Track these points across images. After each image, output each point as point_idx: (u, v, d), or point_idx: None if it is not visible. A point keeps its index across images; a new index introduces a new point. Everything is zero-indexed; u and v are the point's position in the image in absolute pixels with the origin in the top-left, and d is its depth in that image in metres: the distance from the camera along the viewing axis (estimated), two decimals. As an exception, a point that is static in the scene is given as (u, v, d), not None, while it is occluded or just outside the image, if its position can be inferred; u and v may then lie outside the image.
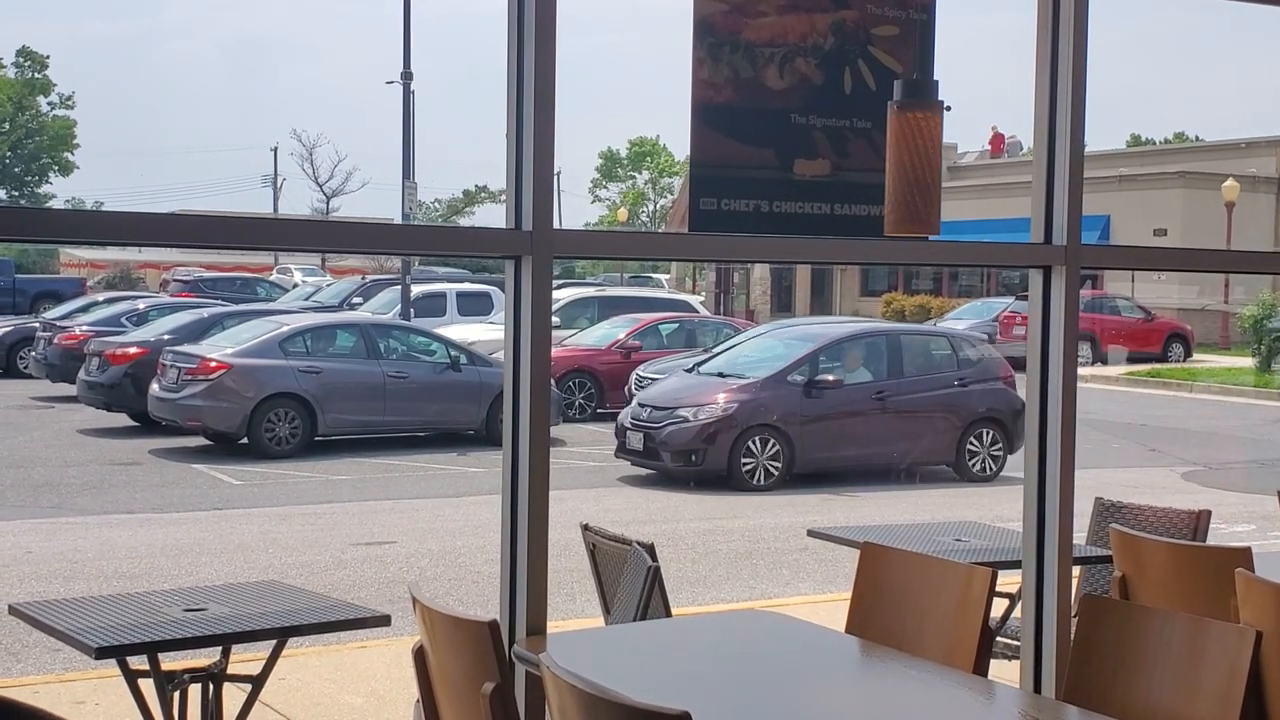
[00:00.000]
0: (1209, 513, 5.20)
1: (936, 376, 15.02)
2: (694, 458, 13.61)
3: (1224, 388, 23.86)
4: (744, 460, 13.68)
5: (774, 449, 13.80)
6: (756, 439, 13.77)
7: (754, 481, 13.61)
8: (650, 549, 4.40)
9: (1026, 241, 4.29)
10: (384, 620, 4.31)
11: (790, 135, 3.80)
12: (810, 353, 14.73)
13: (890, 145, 3.01)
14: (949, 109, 2.96)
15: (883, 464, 14.33)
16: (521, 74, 3.30)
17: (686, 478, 13.67)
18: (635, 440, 13.83)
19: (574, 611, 7.94)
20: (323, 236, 3.50)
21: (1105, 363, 26.79)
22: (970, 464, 14.43)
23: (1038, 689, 4.20)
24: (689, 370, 15.31)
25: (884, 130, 3.57)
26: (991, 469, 14.47)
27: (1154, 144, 53.29)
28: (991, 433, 14.56)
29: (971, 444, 14.47)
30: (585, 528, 4.93)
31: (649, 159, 65.40)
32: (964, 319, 29.66)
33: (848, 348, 15.09)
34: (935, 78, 3.12)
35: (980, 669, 3.55)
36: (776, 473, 13.71)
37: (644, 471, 14.06)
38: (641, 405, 14.10)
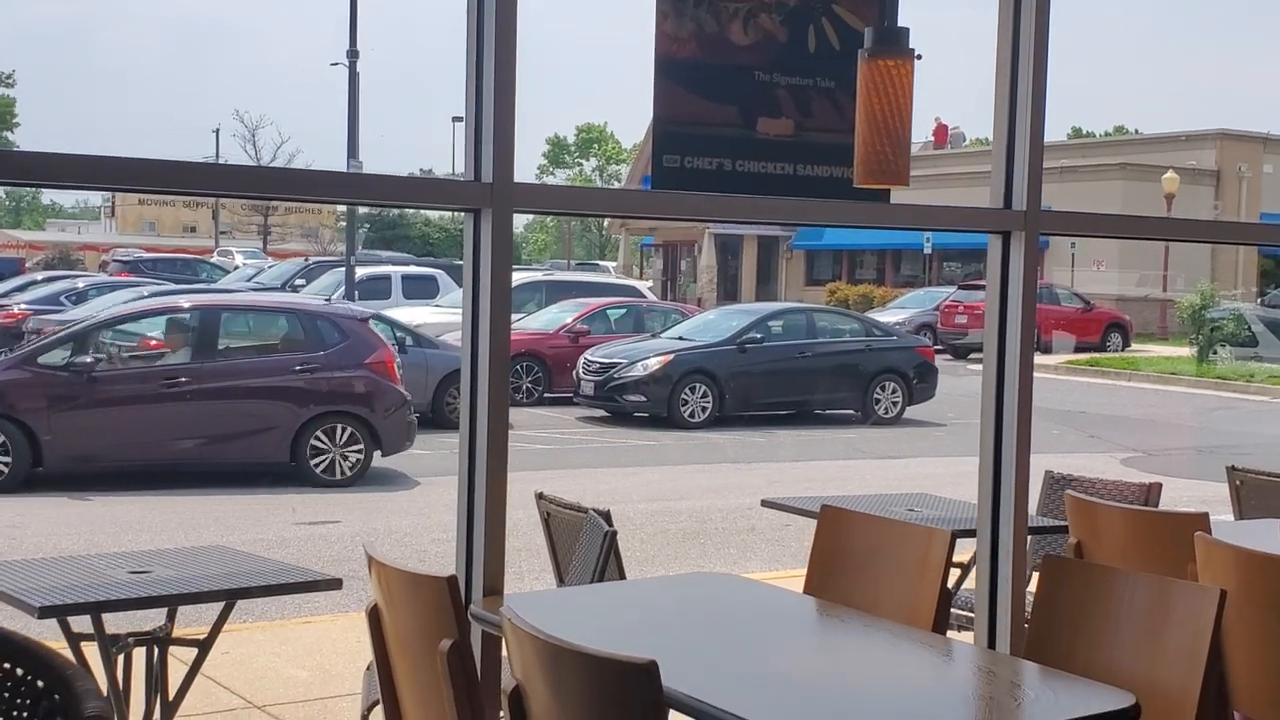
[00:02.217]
0: (1160, 485, 5.22)
1: (269, 360, 12.47)
2: None
3: (1162, 376, 24.16)
4: None
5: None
6: None
7: None
8: (606, 515, 4.36)
9: (986, 207, 4.28)
10: (335, 583, 4.22)
11: (754, 93, 3.75)
12: (85, 329, 12.02)
13: (860, 95, 2.97)
14: (920, 58, 2.92)
15: (186, 462, 11.82)
16: (483, 14, 3.22)
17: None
18: None
19: (523, 590, 7.88)
20: (271, 184, 3.40)
21: (1049, 351, 27.04)
22: (315, 465, 11.88)
23: (993, 655, 4.18)
24: None
25: (848, 91, 3.54)
26: (345, 470, 11.94)
27: (1095, 136, 53.83)
28: (349, 429, 12.02)
29: (319, 440, 11.93)
30: (540, 496, 4.88)
31: (596, 146, 65.27)
32: (907, 308, 29.96)
33: (147, 325, 12.66)
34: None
35: (938, 631, 3.53)
36: (5, 469, 11.05)
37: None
38: None
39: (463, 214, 3.40)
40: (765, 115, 3.77)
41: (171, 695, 4.15)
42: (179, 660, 4.55)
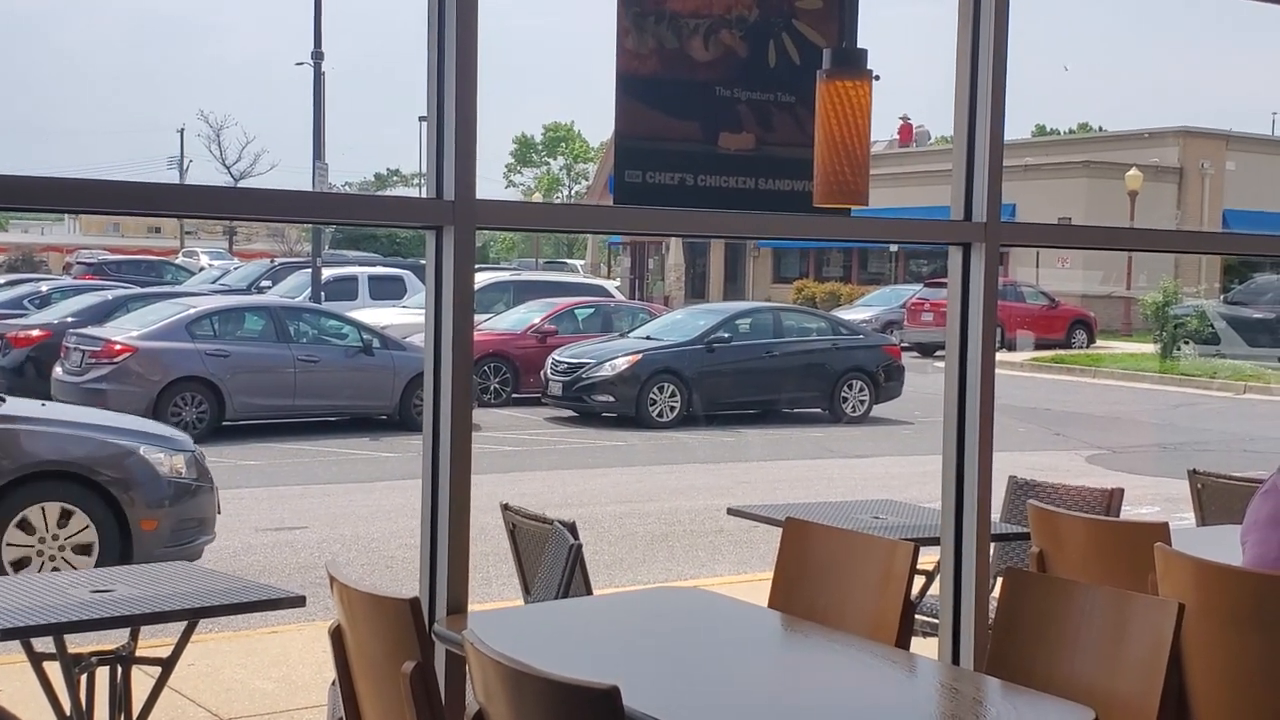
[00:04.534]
0: (1122, 490, 5.26)
1: None
2: None
3: (1127, 373, 24.33)
4: None
5: None
6: None
7: None
8: (572, 527, 4.36)
9: (946, 220, 4.30)
10: (298, 601, 4.21)
11: (715, 108, 3.76)
12: None
13: (819, 115, 2.98)
14: (878, 79, 2.93)
15: None
16: (443, 31, 3.21)
17: None
18: None
19: (490, 596, 7.88)
20: (235, 204, 3.39)
21: (1013, 349, 27.21)
22: None
23: (956, 664, 4.21)
24: None
25: (808, 105, 3.55)
26: None
27: (1059, 134, 54.14)
28: None
29: None
30: (505, 507, 4.88)
31: (564, 145, 65.15)
32: (873, 306, 30.11)
33: None
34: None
35: (902, 643, 3.55)
36: None
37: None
38: None
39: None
40: (726, 130, 3.78)
41: (135, 714, 4.13)
42: (145, 674, 4.52)
